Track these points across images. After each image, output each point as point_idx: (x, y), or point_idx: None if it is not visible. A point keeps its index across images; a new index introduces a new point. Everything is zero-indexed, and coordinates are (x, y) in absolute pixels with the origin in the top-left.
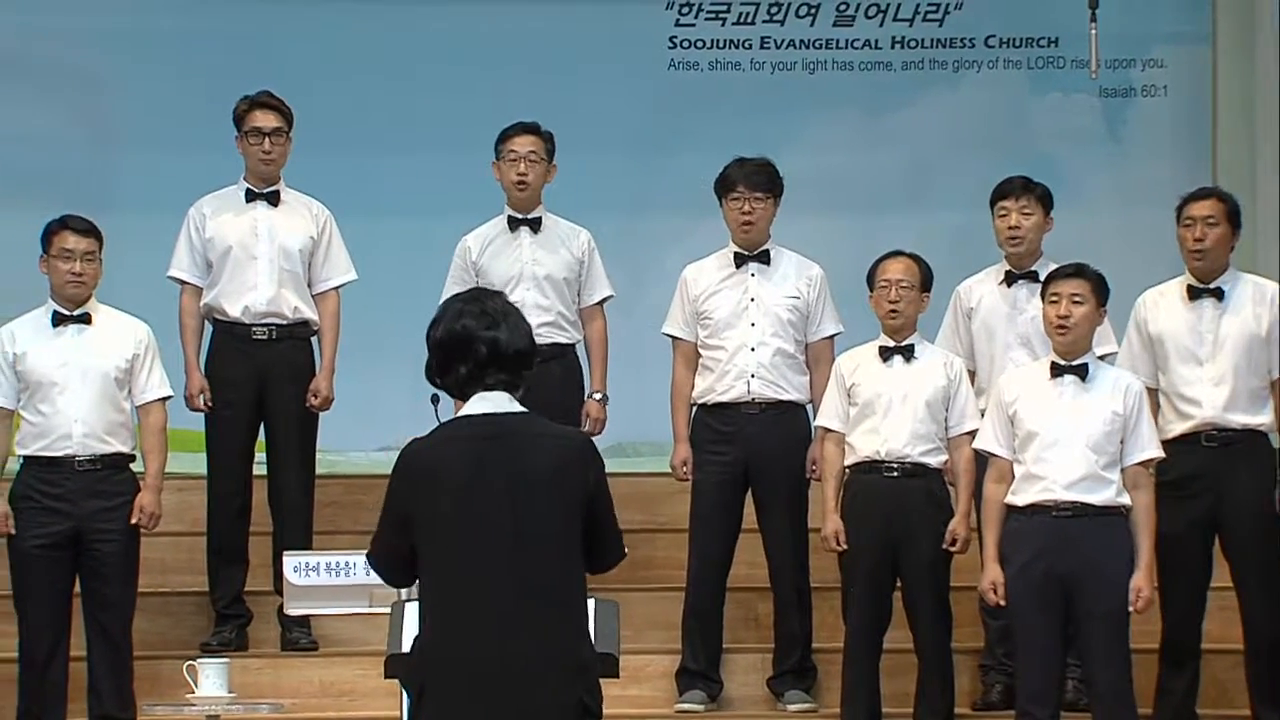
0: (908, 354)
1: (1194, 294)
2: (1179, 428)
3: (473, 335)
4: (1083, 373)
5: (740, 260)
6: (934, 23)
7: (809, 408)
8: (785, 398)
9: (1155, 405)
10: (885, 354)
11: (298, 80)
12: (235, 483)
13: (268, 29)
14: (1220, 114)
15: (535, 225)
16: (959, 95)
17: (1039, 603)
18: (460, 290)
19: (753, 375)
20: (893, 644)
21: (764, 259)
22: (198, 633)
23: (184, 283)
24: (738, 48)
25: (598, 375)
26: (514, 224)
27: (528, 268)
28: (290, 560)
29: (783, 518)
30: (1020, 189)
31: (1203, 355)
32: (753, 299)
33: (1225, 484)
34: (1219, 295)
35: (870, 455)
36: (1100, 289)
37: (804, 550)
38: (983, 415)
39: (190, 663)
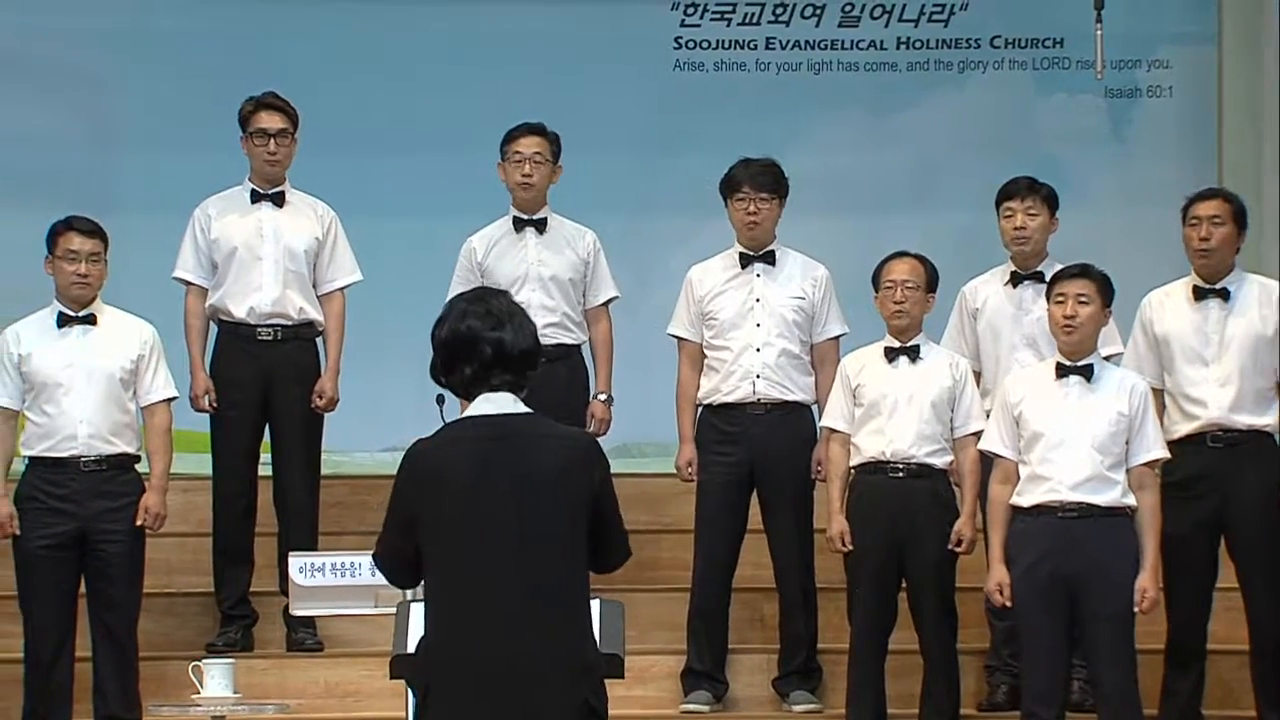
0: (913, 355)
1: (1200, 294)
2: (1184, 428)
3: (478, 336)
4: (1088, 373)
5: (745, 261)
6: (939, 23)
7: (814, 408)
8: (790, 398)
9: (1161, 406)
10: (890, 355)
11: (302, 80)
12: (240, 483)
13: (272, 29)
14: (1226, 115)
15: (540, 226)
16: (964, 96)
17: (1044, 604)
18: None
19: (758, 376)
20: (898, 645)
21: (769, 259)
22: (203, 633)
23: (189, 284)
24: (743, 48)
25: (603, 376)
26: (519, 225)
27: (533, 268)
28: (295, 561)
29: (788, 518)
30: (1026, 189)
31: (1208, 356)
32: (758, 300)
33: (1231, 485)
34: (1225, 296)
35: (875, 456)
36: (1105, 289)
37: (809, 551)
38: (988, 416)
39: (195, 663)
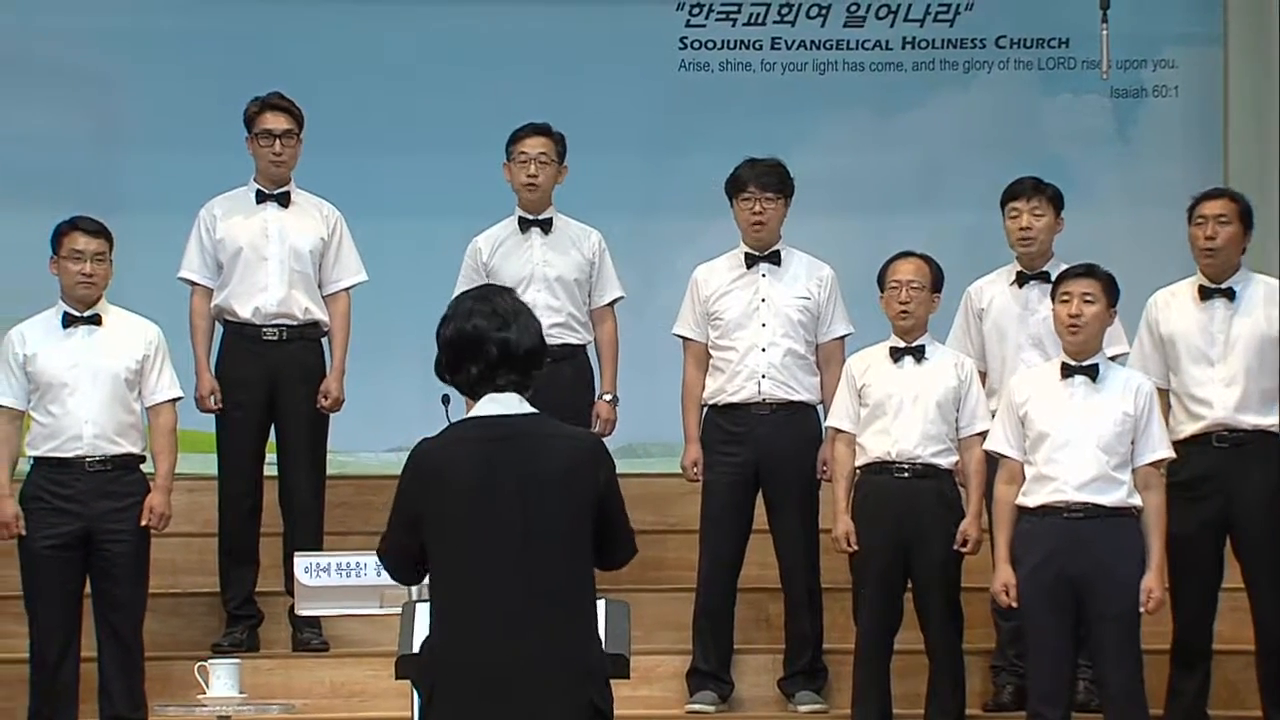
0: (918, 355)
1: (1205, 294)
2: (1190, 428)
3: (484, 335)
4: (1093, 373)
5: (751, 261)
6: (945, 23)
7: (820, 408)
8: (796, 398)
9: (1166, 406)
10: (896, 355)
11: (307, 80)
12: (246, 483)
13: (277, 29)
14: (1231, 115)
15: (546, 226)
16: (970, 96)
17: (1050, 604)
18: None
19: (763, 376)
20: (904, 645)
21: (775, 259)
22: (209, 633)
23: (194, 284)
24: (748, 48)
25: (608, 376)
26: (525, 225)
27: (538, 269)
28: (301, 561)
29: (793, 518)
30: (1031, 190)
31: (1214, 356)
32: (763, 300)
33: (1236, 485)
34: (1230, 296)
35: (881, 456)
36: (1111, 289)
37: (815, 551)
38: (993, 416)
39: (201, 663)
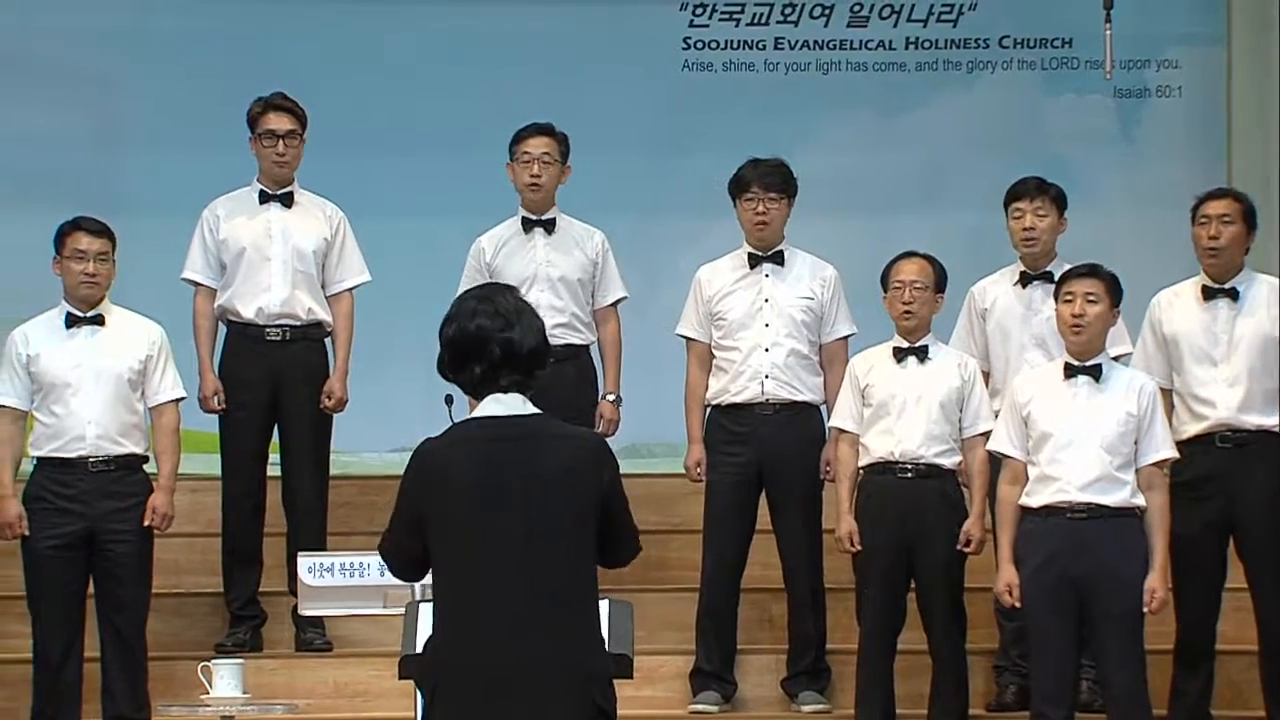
0: (922, 355)
1: (1209, 294)
2: (1193, 429)
3: (487, 336)
4: (1096, 373)
5: (754, 261)
6: (948, 23)
7: (823, 408)
8: (799, 398)
9: (1169, 406)
10: (899, 355)
11: (310, 81)
12: (249, 484)
13: (279, 30)
14: (1235, 115)
15: (549, 226)
16: (973, 96)
17: (1054, 604)
18: None
19: (767, 376)
20: (907, 645)
21: (778, 260)
22: (212, 634)
23: (198, 284)
24: (752, 48)
25: (611, 376)
26: (528, 225)
27: (542, 269)
28: (305, 561)
29: (797, 519)
30: (1035, 190)
31: (1217, 356)
32: (767, 300)
33: (1240, 485)
34: (1234, 296)
35: (884, 456)
36: (1114, 289)
37: (818, 551)
38: (997, 416)
39: (205, 664)
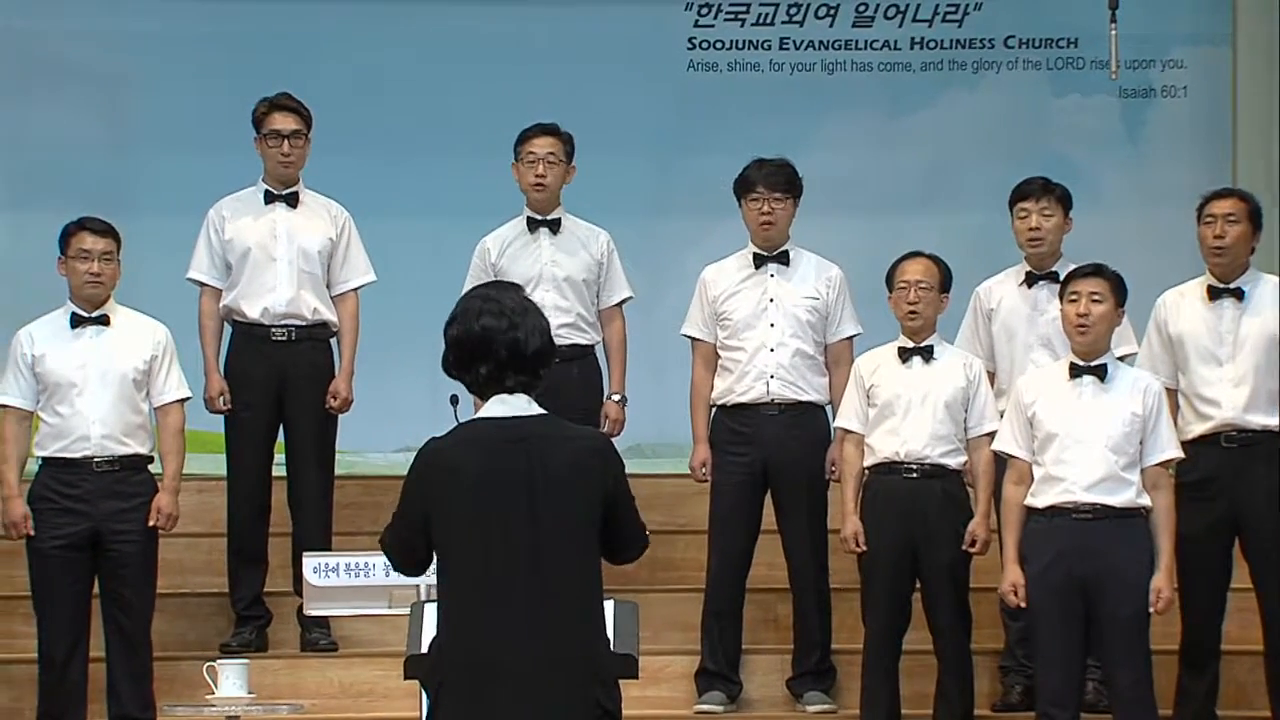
0: (927, 355)
1: (1214, 294)
2: (1198, 428)
3: (492, 336)
4: (1101, 373)
5: (759, 261)
6: (953, 23)
7: (828, 409)
8: (804, 399)
9: (1174, 406)
10: (904, 355)
11: (316, 82)
12: (255, 484)
13: (287, 31)
14: (1240, 115)
15: (554, 227)
16: (978, 96)
17: (1059, 605)
18: None
19: (772, 376)
20: (912, 645)
21: (783, 260)
22: (217, 634)
23: (203, 285)
24: (757, 48)
25: (616, 376)
26: (533, 225)
27: (547, 269)
28: (310, 561)
29: (802, 519)
30: (1040, 190)
31: (1223, 356)
32: (772, 300)
33: (1245, 485)
34: (1239, 295)
35: (889, 456)
36: (1119, 289)
37: (823, 551)
38: (1002, 416)
39: (210, 664)
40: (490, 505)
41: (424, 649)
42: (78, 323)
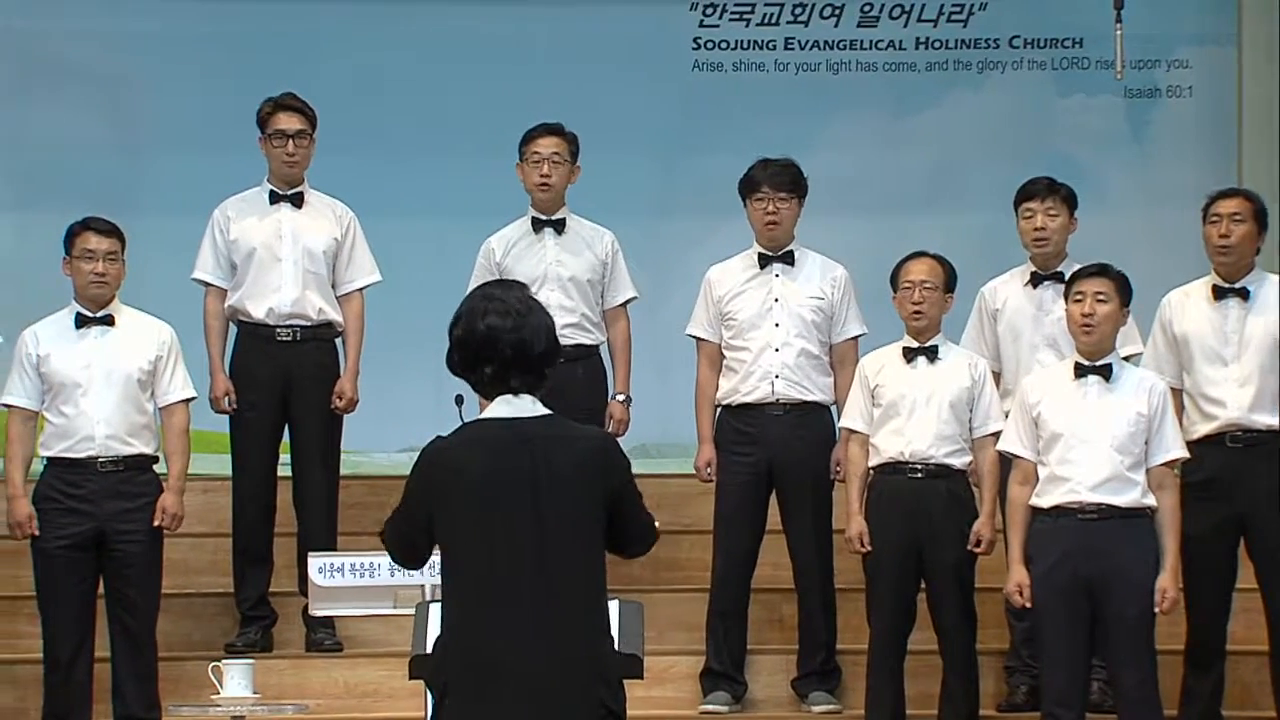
0: (931, 355)
1: (1219, 294)
2: (1204, 428)
3: (497, 336)
4: (1106, 373)
5: (764, 261)
6: (958, 23)
7: (833, 409)
8: (809, 399)
9: (1180, 406)
10: (909, 355)
11: (321, 82)
12: (260, 484)
13: (292, 32)
14: (1245, 115)
15: (559, 227)
16: (983, 96)
17: (1065, 605)
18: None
19: (777, 376)
20: (917, 645)
21: (788, 260)
22: (222, 634)
23: (208, 285)
24: (762, 49)
25: (621, 377)
26: (538, 225)
27: (552, 269)
28: (315, 561)
29: (807, 519)
30: (1045, 190)
31: (1228, 355)
32: (777, 300)
33: (1250, 485)
34: (1244, 295)
35: (894, 456)
36: (1124, 288)
37: (828, 551)
38: (1007, 416)
39: (215, 664)
40: (495, 505)
41: (429, 649)
42: (83, 323)
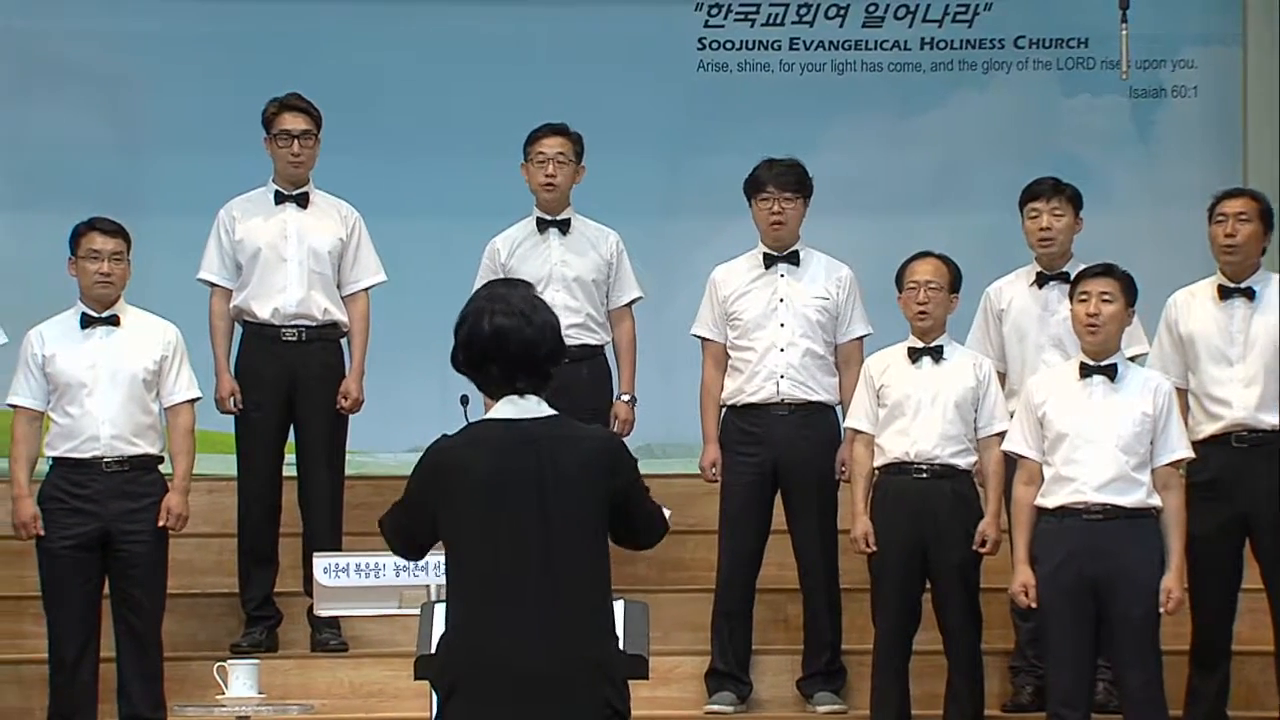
0: (936, 355)
1: (1225, 294)
2: (1209, 428)
3: (503, 336)
4: (1112, 373)
5: (769, 261)
6: (963, 23)
7: (838, 409)
8: (815, 399)
9: (1185, 406)
10: (914, 355)
11: (326, 82)
12: (265, 484)
13: (297, 32)
14: (1251, 115)
15: (564, 227)
16: (988, 96)
17: (1070, 605)
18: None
19: (782, 376)
20: (922, 645)
21: (793, 260)
22: (228, 634)
23: (214, 285)
24: (767, 49)
25: (626, 377)
26: (542, 225)
27: (556, 269)
28: (320, 561)
29: (812, 519)
30: (1051, 190)
31: (1233, 355)
32: (782, 300)
33: (1255, 485)
34: (1250, 295)
35: (899, 456)
36: (1129, 288)
37: (833, 551)
38: (1012, 416)
39: (220, 664)
40: (501, 505)
41: (434, 649)
42: (88, 323)
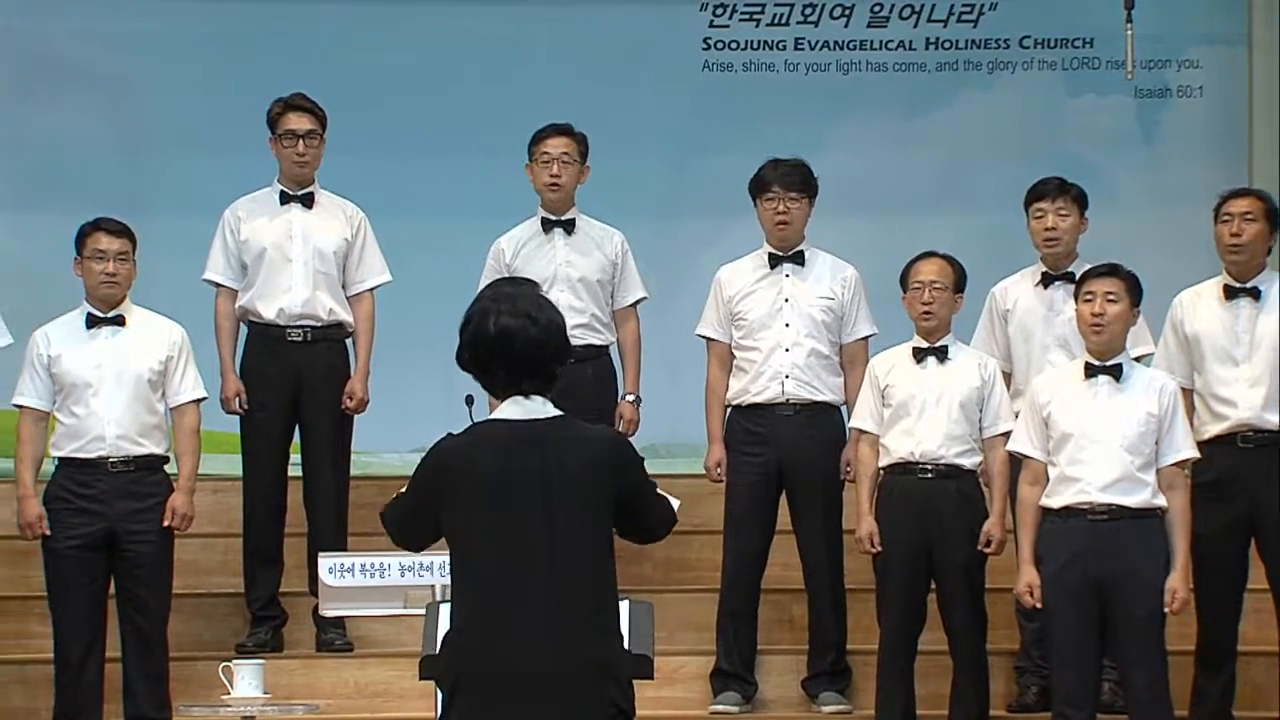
0: (941, 355)
1: (1230, 294)
2: (1215, 428)
3: (509, 337)
4: (1117, 373)
5: (775, 261)
6: (968, 24)
7: (843, 409)
8: (820, 399)
9: (1190, 406)
10: (919, 355)
11: (331, 82)
12: (270, 484)
13: (301, 32)
14: (1256, 115)
15: (569, 227)
16: (993, 96)
17: (1075, 605)
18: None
19: (787, 376)
20: (927, 646)
21: (798, 260)
22: (233, 634)
23: (219, 285)
24: (772, 49)
25: (631, 377)
26: (547, 226)
27: (561, 269)
28: (325, 561)
29: (817, 519)
30: (1056, 190)
31: (1239, 355)
32: (787, 300)
33: (1261, 485)
34: (1255, 295)
35: (904, 456)
36: (1134, 288)
37: (838, 552)
38: (1017, 416)
39: (225, 664)
40: (506, 505)
41: (439, 649)
42: (93, 323)
